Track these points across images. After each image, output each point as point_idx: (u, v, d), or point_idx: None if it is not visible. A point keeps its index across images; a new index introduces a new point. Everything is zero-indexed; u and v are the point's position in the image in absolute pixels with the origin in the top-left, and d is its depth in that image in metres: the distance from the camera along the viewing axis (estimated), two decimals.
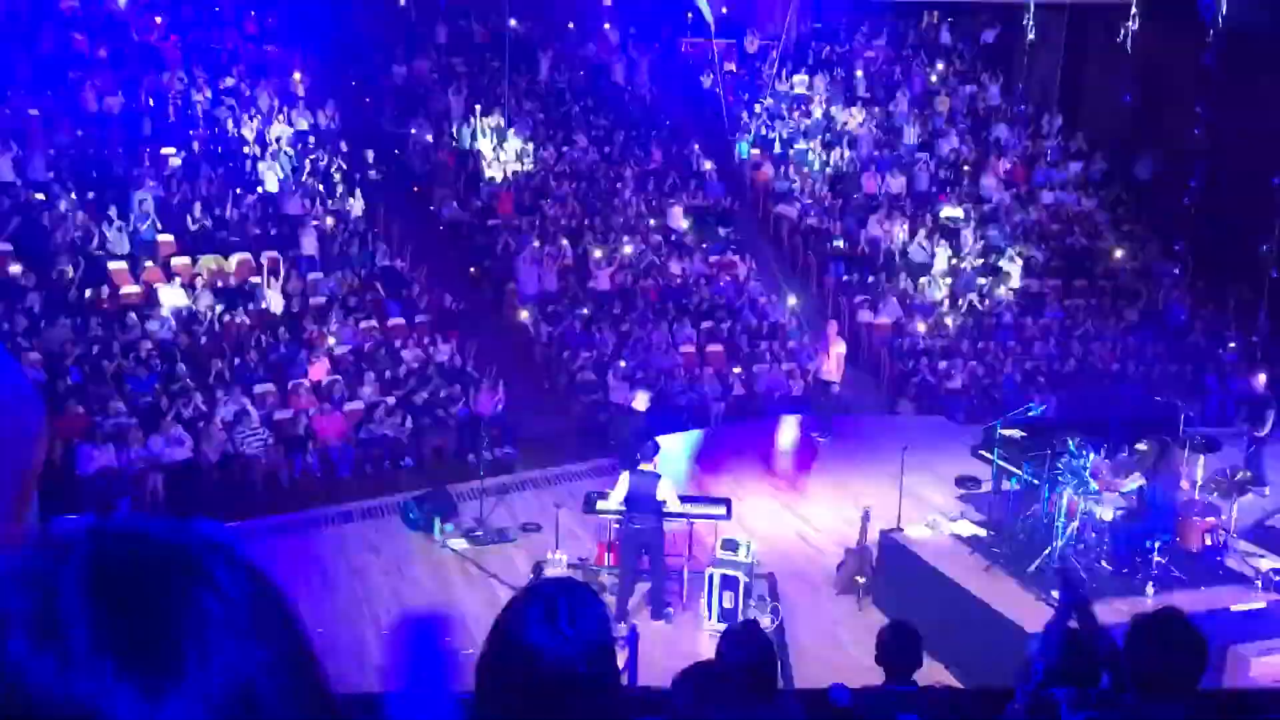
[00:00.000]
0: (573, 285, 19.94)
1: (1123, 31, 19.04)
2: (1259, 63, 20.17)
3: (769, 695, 4.50)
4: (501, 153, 22.79)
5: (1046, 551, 10.89)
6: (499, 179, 22.19)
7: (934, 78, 27.15)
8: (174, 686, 0.79)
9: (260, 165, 20.40)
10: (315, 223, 19.63)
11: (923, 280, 21.40)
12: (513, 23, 24.00)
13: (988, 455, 12.85)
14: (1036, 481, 11.61)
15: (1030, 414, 15.19)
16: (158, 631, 0.80)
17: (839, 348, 17.16)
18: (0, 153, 18.44)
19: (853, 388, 19.17)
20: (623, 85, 25.84)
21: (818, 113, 25.60)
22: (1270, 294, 19.21)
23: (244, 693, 0.82)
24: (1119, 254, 22.79)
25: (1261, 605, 10.57)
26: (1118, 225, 23.80)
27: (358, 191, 20.77)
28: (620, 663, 9.41)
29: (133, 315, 16.70)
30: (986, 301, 21.10)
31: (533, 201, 21.76)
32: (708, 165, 23.99)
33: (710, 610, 11.32)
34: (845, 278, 21.54)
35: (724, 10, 26.20)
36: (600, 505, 11.92)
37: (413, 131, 22.61)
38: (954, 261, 21.93)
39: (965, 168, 24.73)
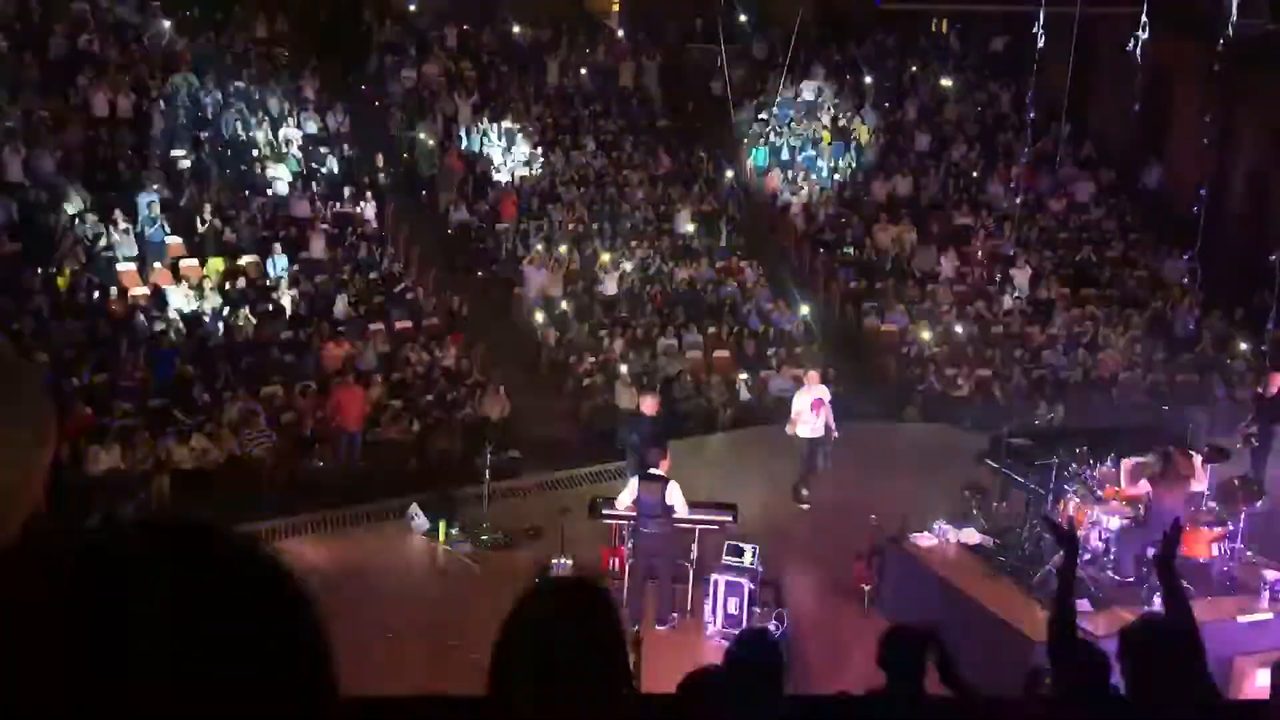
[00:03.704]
0: (580, 290, 19.95)
1: (1132, 40, 19.00)
2: (1267, 70, 20.13)
3: (777, 701, 4.49)
4: (509, 157, 22.81)
5: (1053, 560, 10.85)
6: (507, 183, 22.21)
7: (943, 85, 27.12)
8: (208, 682, 0.79)
9: (269, 168, 20.43)
10: (323, 226, 19.66)
11: (930, 287, 21.38)
12: (516, 29, 24.04)
13: (994, 464, 12.82)
14: (1043, 490, 11.58)
15: (1037, 422, 15.18)
16: (206, 630, 0.81)
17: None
18: (9, 154, 18.49)
19: (859, 394, 19.15)
20: (631, 89, 25.85)
21: (826, 119, 25.59)
22: (1279, 302, 19.14)
23: (272, 691, 0.82)
24: (1127, 262, 22.74)
25: (1268, 616, 10.53)
26: (1126, 233, 23.75)
27: (366, 195, 20.80)
28: (632, 664, 9.41)
29: (141, 317, 16.73)
30: (994, 309, 21.07)
31: (540, 206, 21.78)
32: (723, 173, 23.98)
33: (715, 616, 11.30)
34: (853, 284, 21.52)
35: (735, 17, 26.19)
36: (608, 510, 11.91)
37: (421, 135, 22.65)
38: (961, 269, 21.90)
39: (974, 175, 24.70)
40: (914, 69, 27.42)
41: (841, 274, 21.75)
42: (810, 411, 14.45)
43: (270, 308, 17.70)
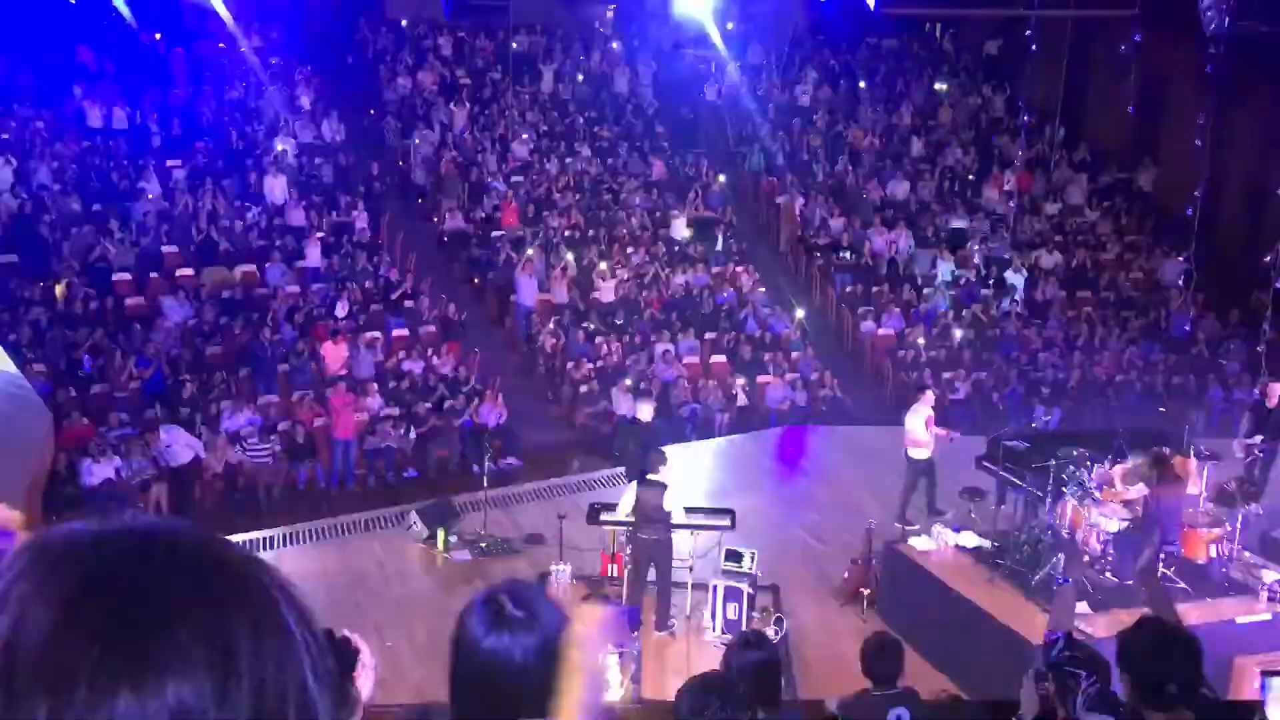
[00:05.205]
0: (576, 296, 19.96)
1: (1125, 43, 19.06)
2: (1261, 72, 20.18)
3: (774, 705, 4.50)
4: (504, 164, 22.83)
5: (1051, 563, 10.86)
6: (502, 190, 22.23)
7: (937, 89, 27.18)
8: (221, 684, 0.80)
9: (265, 177, 20.45)
10: (319, 234, 19.66)
11: (926, 291, 21.40)
12: (514, 45, 24.06)
13: (992, 466, 12.82)
14: (1040, 493, 11.58)
15: (1034, 425, 15.17)
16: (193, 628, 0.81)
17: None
18: (3, 164, 18.49)
19: (856, 399, 19.18)
20: (625, 96, 25.88)
21: (821, 124, 25.63)
22: (1275, 304, 19.18)
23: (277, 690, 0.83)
24: (1122, 265, 22.79)
25: (1267, 617, 10.54)
26: (1121, 236, 23.80)
27: (361, 203, 20.80)
28: (627, 674, 9.40)
29: (137, 326, 16.73)
30: (990, 312, 21.09)
31: (536, 213, 21.79)
32: (718, 178, 24.00)
33: (714, 622, 11.30)
34: (849, 289, 21.55)
35: (729, 25, 26.23)
36: (607, 516, 11.90)
37: (416, 143, 22.66)
38: (957, 273, 21.93)
39: (969, 178, 24.74)
40: (909, 73, 27.47)
41: (837, 278, 21.77)
42: (926, 430, 13.90)
43: (267, 316, 17.68)
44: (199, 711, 0.79)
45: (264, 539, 13.39)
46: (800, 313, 20.70)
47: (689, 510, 11.60)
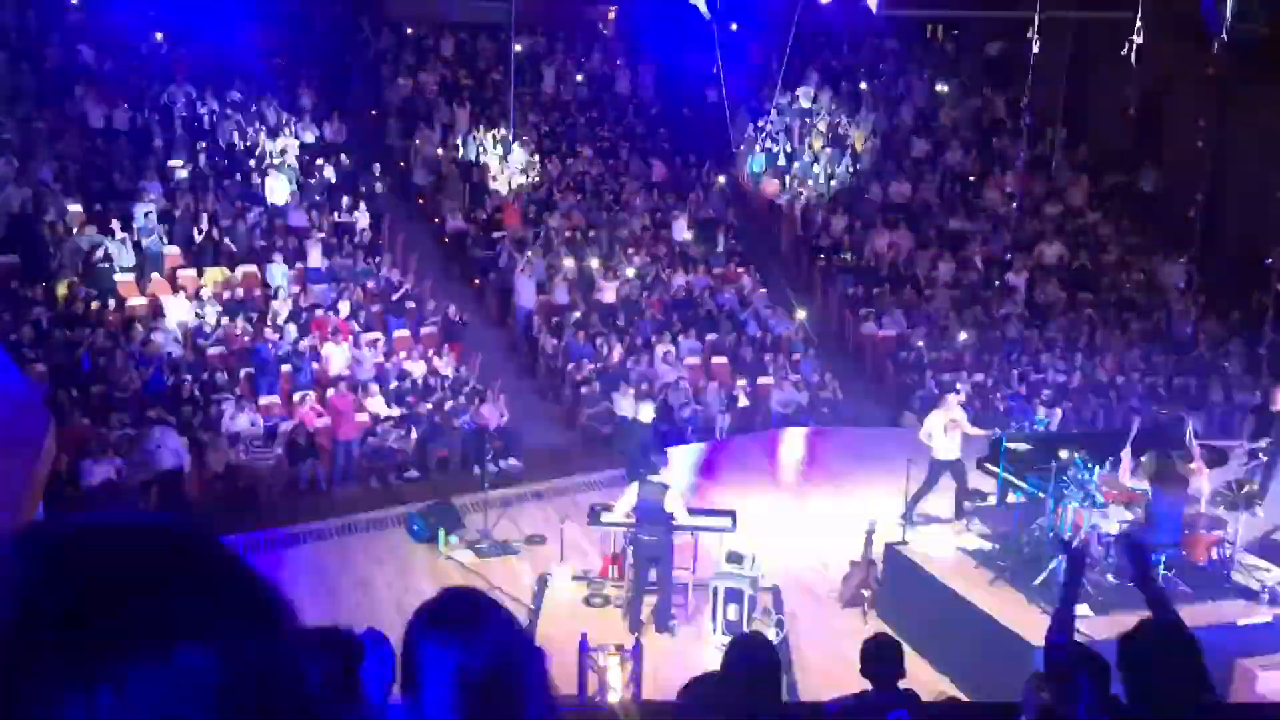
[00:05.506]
0: (577, 297, 19.97)
1: (1127, 44, 19.04)
2: (1262, 73, 20.18)
3: (774, 706, 4.49)
4: (506, 165, 22.84)
5: (1051, 564, 10.85)
6: (504, 191, 22.23)
7: (939, 90, 27.18)
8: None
9: (266, 178, 20.44)
10: (320, 235, 19.67)
11: (928, 292, 21.40)
12: (517, 48, 24.07)
13: (993, 468, 12.80)
14: (1042, 494, 11.57)
15: (1035, 426, 15.15)
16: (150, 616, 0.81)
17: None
18: (5, 165, 18.48)
19: (857, 400, 19.18)
20: (627, 97, 25.89)
21: (822, 125, 25.63)
22: (1276, 306, 19.17)
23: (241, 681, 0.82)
24: (1124, 267, 22.77)
25: (1268, 619, 10.53)
26: (1122, 238, 23.78)
27: (362, 204, 20.80)
28: (625, 675, 9.39)
29: (139, 327, 16.72)
30: (991, 314, 21.08)
31: (537, 214, 21.79)
32: (719, 180, 23.99)
33: (715, 623, 11.29)
34: (850, 290, 21.54)
35: (732, 26, 26.21)
36: (607, 517, 11.90)
37: (417, 143, 22.66)
38: (958, 274, 21.92)
39: (970, 180, 24.73)
40: (910, 74, 27.46)
41: (839, 279, 21.76)
42: (943, 434, 13.50)
43: (268, 317, 17.68)
44: (210, 692, 0.79)
45: (264, 539, 13.38)
46: (801, 314, 20.70)
47: (691, 511, 11.60)
